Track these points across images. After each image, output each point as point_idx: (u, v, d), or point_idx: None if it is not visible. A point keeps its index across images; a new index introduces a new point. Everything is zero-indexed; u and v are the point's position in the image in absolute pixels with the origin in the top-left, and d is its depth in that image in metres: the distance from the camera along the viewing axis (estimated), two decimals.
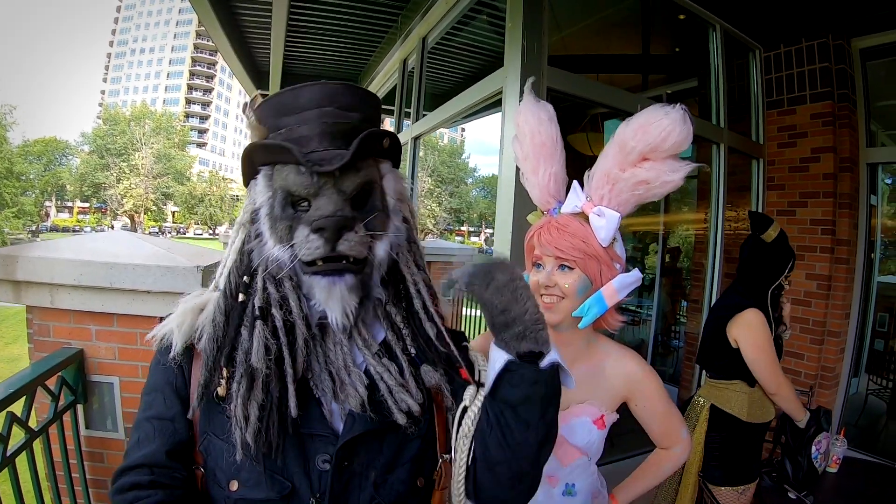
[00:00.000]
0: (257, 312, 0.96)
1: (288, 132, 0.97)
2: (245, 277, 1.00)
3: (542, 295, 1.55)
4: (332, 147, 0.96)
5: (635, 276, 1.51)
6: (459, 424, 1.02)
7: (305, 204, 0.96)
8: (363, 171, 0.98)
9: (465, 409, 1.03)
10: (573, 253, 1.47)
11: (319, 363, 0.97)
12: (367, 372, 0.99)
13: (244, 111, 1.03)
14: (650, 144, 1.35)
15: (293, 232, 0.94)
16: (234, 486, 0.93)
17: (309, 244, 0.92)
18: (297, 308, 0.97)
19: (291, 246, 0.94)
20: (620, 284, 1.48)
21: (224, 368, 0.94)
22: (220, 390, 0.92)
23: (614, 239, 1.50)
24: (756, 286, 2.65)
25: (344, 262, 0.94)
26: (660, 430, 1.69)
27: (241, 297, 0.98)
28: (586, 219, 1.49)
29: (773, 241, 2.64)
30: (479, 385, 1.05)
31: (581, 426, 1.57)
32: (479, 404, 1.01)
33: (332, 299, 0.94)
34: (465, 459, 1.02)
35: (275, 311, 0.96)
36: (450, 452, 1.07)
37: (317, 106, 0.98)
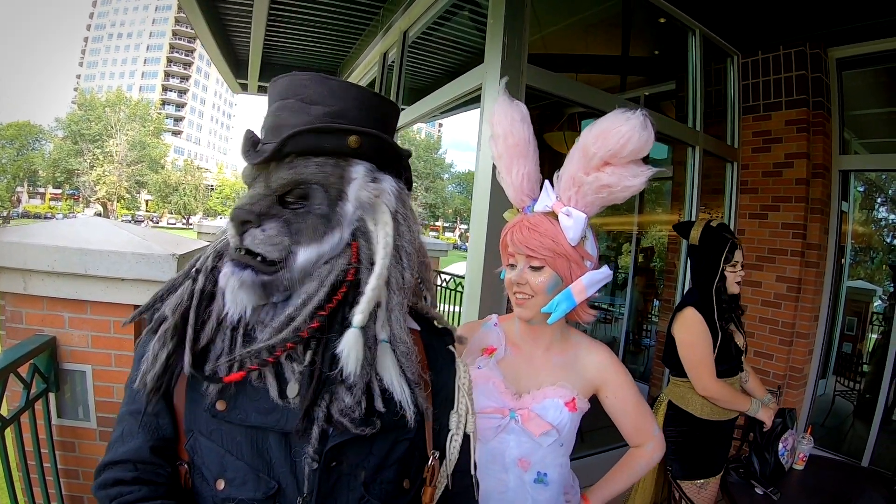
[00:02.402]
0: (192, 273, 0.98)
1: (262, 124, 0.99)
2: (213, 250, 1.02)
3: (515, 292, 1.60)
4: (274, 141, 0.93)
5: (604, 273, 1.54)
6: (450, 449, 1.09)
7: None
8: (296, 170, 0.93)
9: (452, 437, 1.09)
10: (542, 252, 1.51)
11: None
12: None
13: None
14: (610, 150, 1.37)
15: None
16: (221, 485, 0.92)
17: (227, 231, 0.95)
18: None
19: None
20: (590, 281, 1.52)
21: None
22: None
23: (584, 237, 1.54)
24: (701, 286, 2.71)
25: (258, 258, 0.92)
26: (631, 425, 1.71)
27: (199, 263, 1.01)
28: (556, 217, 1.51)
29: (700, 241, 2.71)
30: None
31: (553, 407, 1.60)
32: (462, 432, 1.09)
33: (226, 288, 0.92)
34: (444, 482, 1.09)
35: (200, 278, 0.96)
36: (439, 450, 1.09)
37: (280, 98, 0.97)
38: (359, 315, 0.90)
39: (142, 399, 0.93)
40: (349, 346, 0.88)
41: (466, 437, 1.12)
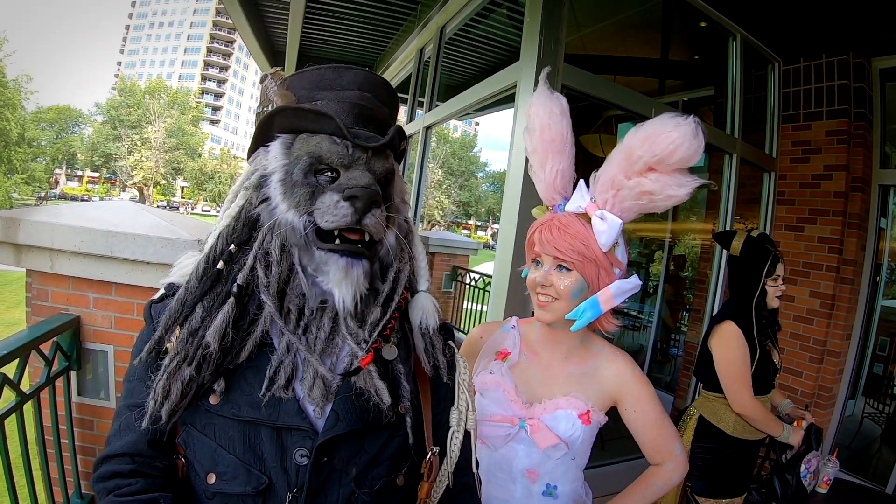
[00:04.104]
0: (234, 289, 0.92)
1: (324, 105, 0.97)
2: (233, 246, 0.95)
3: (538, 293, 1.54)
4: (366, 130, 0.98)
5: (634, 282, 1.47)
6: (450, 446, 1.08)
7: (330, 174, 0.95)
8: (389, 161, 1.02)
9: (453, 434, 1.08)
10: (572, 255, 1.45)
11: (308, 351, 0.94)
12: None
13: (262, 81, 1.01)
14: (657, 156, 1.31)
15: (316, 198, 0.93)
16: (212, 479, 0.91)
17: (337, 211, 0.91)
18: (301, 287, 0.95)
19: (310, 212, 0.92)
20: (618, 290, 1.45)
21: (179, 328, 0.91)
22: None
23: (616, 244, 1.48)
24: (740, 299, 2.63)
25: (360, 244, 0.94)
26: (650, 441, 1.62)
27: (220, 264, 0.94)
28: (588, 220, 1.46)
29: (741, 252, 2.64)
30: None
31: (565, 418, 1.54)
32: (464, 429, 1.09)
33: (346, 280, 0.93)
34: (446, 481, 1.08)
35: (265, 298, 0.92)
36: (438, 446, 1.08)
37: (358, 89, 1.00)
38: (425, 282, 1.09)
39: (140, 393, 0.93)
40: (428, 306, 1.06)
41: (467, 434, 1.11)
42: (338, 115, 0.95)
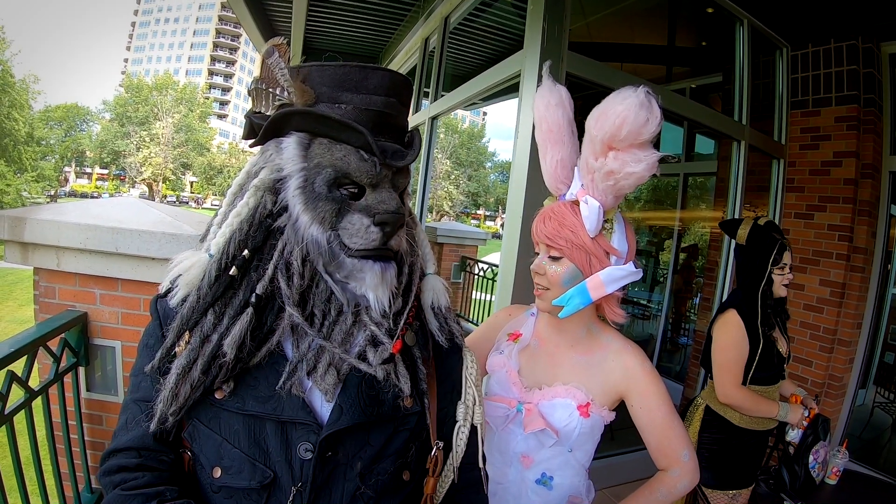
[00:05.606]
0: (252, 299, 0.92)
1: (349, 111, 0.93)
2: (246, 252, 0.93)
3: (535, 282, 1.55)
4: (390, 140, 0.97)
5: (627, 270, 1.44)
6: (456, 441, 1.08)
7: (352, 189, 0.94)
8: (410, 172, 1.04)
9: (459, 429, 1.08)
10: (559, 242, 1.45)
11: (326, 351, 0.95)
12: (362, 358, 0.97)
13: (268, 56, 0.95)
14: (608, 133, 1.28)
15: (342, 215, 0.93)
16: (217, 472, 0.92)
17: (367, 235, 0.93)
18: (336, 294, 0.97)
19: (334, 228, 0.93)
20: (608, 278, 1.42)
21: (189, 333, 0.91)
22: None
23: (608, 230, 1.45)
24: (746, 288, 2.60)
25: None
26: (656, 442, 1.54)
27: (233, 270, 0.92)
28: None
29: (747, 241, 2.60)
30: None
31: (563, 407, 1.51)
32: (470, 423, 1.08)
33: (382, 284, 0.95)
34: (451, 476, 1.08)
35: (290, 309, 0.92)
36: (443, 440, 1.07)
37: (385, 94, 0.96)
38: (432, 265, 1.15)
39: (147, 389, 0.94)
40: (438, 286, 1.12)
41: (474, 429, 1.11)
42: (365, 125, 0.91)
